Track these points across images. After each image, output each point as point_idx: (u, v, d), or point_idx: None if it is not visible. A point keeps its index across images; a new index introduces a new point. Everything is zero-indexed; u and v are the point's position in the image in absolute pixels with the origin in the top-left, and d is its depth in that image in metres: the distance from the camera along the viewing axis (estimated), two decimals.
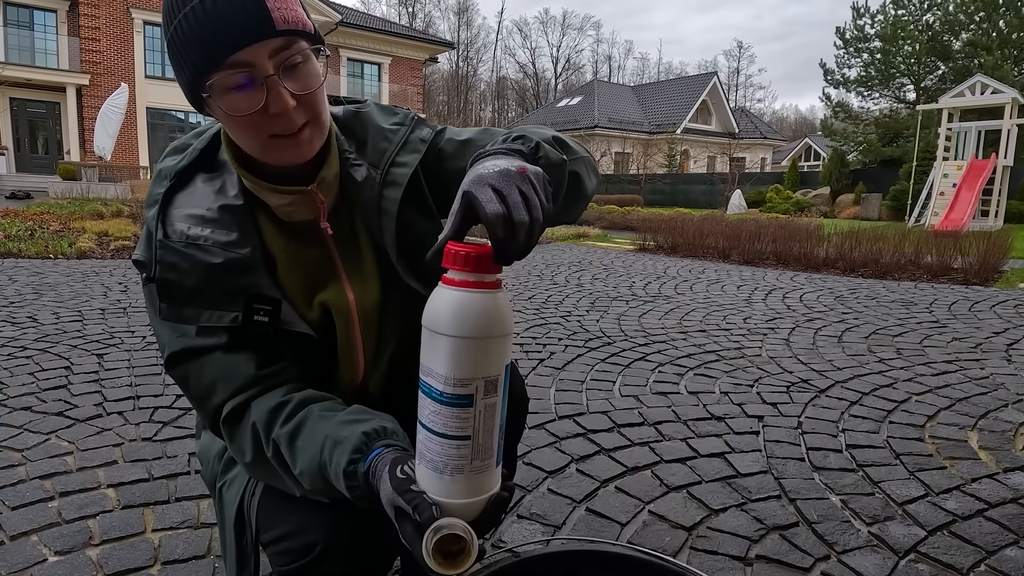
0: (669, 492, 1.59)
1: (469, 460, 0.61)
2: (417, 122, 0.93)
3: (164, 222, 0.82)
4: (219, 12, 0.69)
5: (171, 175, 0.86)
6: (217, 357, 0.81)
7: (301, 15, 0.74)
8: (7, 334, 2.95)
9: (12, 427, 1.89)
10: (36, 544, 1.30)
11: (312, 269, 0.88)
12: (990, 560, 1.34)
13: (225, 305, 0.80)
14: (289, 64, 0.73)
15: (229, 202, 0.83)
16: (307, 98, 0.75)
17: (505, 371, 0.62)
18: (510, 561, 0.80)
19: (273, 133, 0.75)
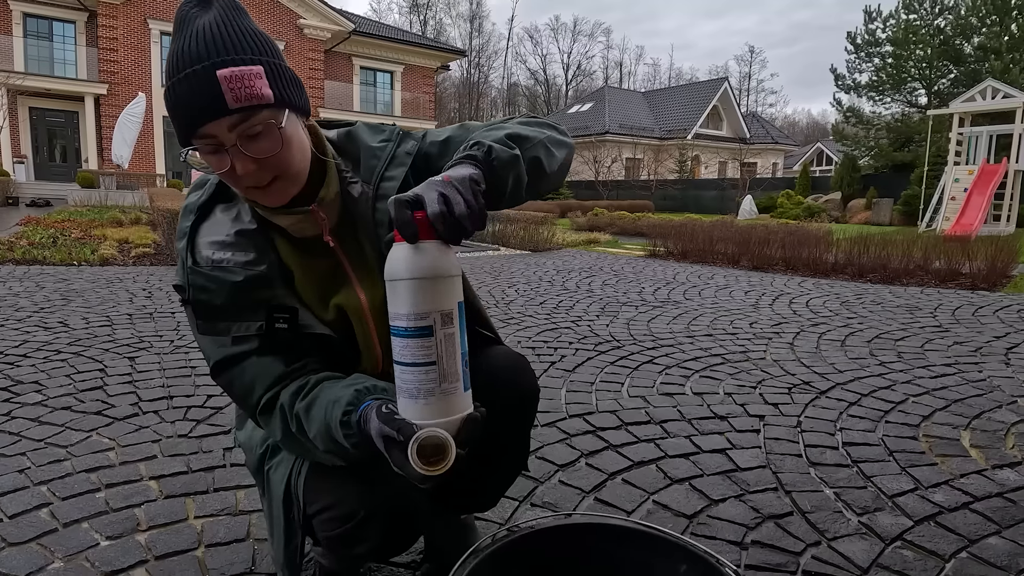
0: (672, 484, 1.70)
1: (438, 383, 0.74)
2: (402, 137, 1.06)
3: (192, 251, 0.98)
4: (184, 95, 0.83)
5: (195, 209, 1.02)
6: (252, 361, 0.96)
7: (258, 90, 0.84)
8: (41, 338, 3.10)
9: (55, 425, 2.02)
10: (88, 530, 1.42)
11: (325, 277, 1.02)
12: (972, 548, 1.43)
13: (250, 316, 0.95)
14: (249, 134, 0.85)
15: (244, 227, 0.98)
16: (269, 160, 0.87)
17: (459, 308, 0.76)
18: (529, 530, 0.91)
19: (247, 185, 0.89)
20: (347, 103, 26.52)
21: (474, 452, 1.11)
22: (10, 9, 20.88)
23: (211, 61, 0.82)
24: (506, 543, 0.88)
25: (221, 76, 0.82)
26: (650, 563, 0.91)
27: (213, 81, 0.82)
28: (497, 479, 1.20)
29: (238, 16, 0.87)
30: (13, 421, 2.04)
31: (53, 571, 1.26)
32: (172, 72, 0.84)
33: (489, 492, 1.21)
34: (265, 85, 0.85)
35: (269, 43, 0.89)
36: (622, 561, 0.93)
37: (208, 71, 0.82)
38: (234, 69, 0.83)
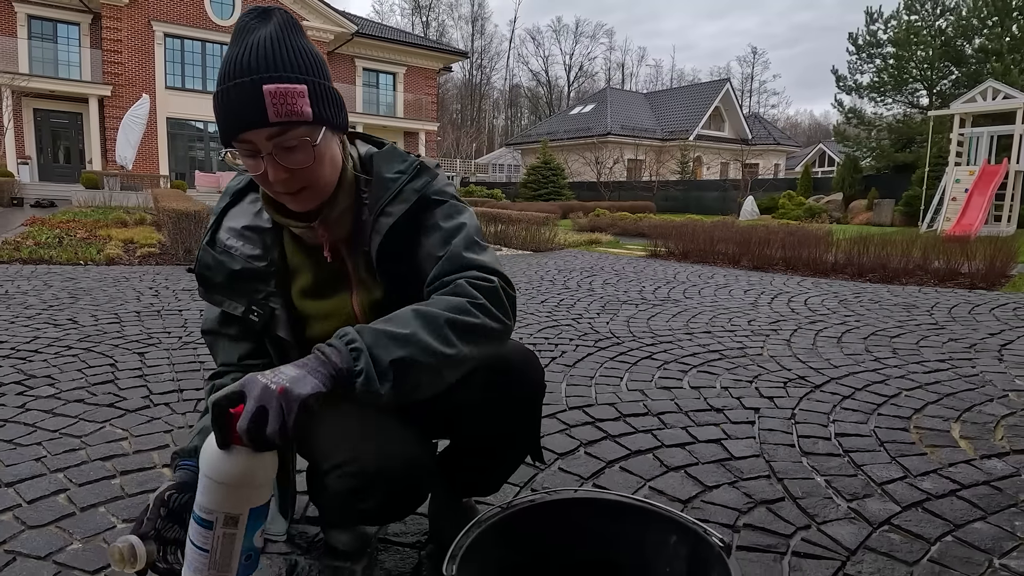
0: (668, 471, 1.75)
1: (207, 569, 0.83)
2: (418, 171, 1.11)
3: (215, 231, 1.14)
4: (231, 103, 0.91)
5: (231, 193, 1.17)
6: (224, 341, 1.17)
7: (299, 107, 0.91)
8: (51, 335, 3.16)
9: (68, 416, 2.08)
10: (104, 514, 1.48)
11: (327, 279, 1.13)
12: (957, 532, 1.48)
13: (237, 299, 1.11)
14: (284, 146, 0.93)
15: (261, 224, 1.12)
16: (301, 171, 0.95)
17: (251, 513, 0.83)
18: (529, 503, 0.97)
19: (277, 190, 0.98)
20: (350, 104, 26.54)
21: (483, 441, 1.19)
22: (15, 11, 21.00)
23: (259, 76, 0.90)
24: (507, 515, 0.94)
25: (267, 91, 0.89)
26: (642, 536, 0.97)
27: (259, 94, 0.89)
28: (503, 466, 1.26)
29: (293, 34, 0.94)
30: (27, 413, 2.09)
31: (72, 552, 1.32)
32: (224, 78, 0.92)
33: (494, 477, 1.28)
34: (306, 104, 0.92)
35: (319, 62, 0.96)
36: (616, 535, 0.99)
37: (256, 84, 0.89)
38: (280, 86, 0.90)
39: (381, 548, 1.34)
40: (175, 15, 22.61)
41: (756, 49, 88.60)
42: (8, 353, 2.79)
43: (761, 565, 1.32)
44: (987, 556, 1.39)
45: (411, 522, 1.45)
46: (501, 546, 0.92)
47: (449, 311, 0.91)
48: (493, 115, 64.30)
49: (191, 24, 23.06)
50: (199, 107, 23.95)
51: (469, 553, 0.86)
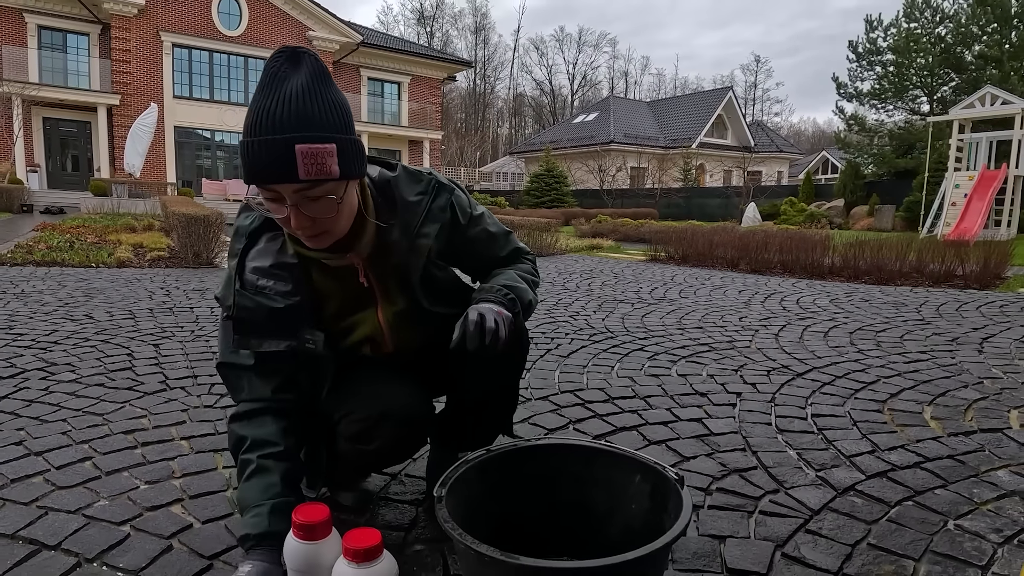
0: (650, 445, 1.87)
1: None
2: (438, 189, 1.24)
3: (240, 274, 1.17)
4: (262, 157, 0.96)
5: (246, 234, 1.19)
6: (250, 375, 1.20)
7: (328, 167, 0.97)
8: (68, 328, 3.30)
9: (90, 398, 2.21)
10: (128, 477, 1.61)
11: (350, 298, 1.24)
12: (917, 498, 1.59)
13: (280, 336, 1.16)
14: (309, 197, 0.99)
15: (286, 260, 1.17)
16: (320, 219, 1.03)
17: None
18: (512, 447, 1.09)
19: (294, 232, 1.07)
20: (355, 113, 26.80)
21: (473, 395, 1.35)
22: (25, 22, 21.34)
23: (292, 135, 0.93)
24: (491, 456, 1.07)
25: (299, 150, 0.94)
26: (611, 476, 1.09)
27: (291, 153, 0.94)
28: (493, 420, 1.41)
29: (324, 85, 0.98)
30: (51, 395, 2.23)
31: (100, 507, 1.45)
32: (255, 130, 0.95)
33: (486, 430, 1.43)
34: (335, 163, 0.97)
35: (345, 115, 1.00)
36: (589, 476, 1.11)
37: (288, 143, 0.93)
38: (311, 147, 0.94)
39: (381, 504, 1.47)
40: (183, 25, 22.93)
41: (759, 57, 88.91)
42: (29, 344, 2.94)
43: (729, 521, 1.44)
44: (943, 518, 1.50)
45: (409, 483, 1.58)
46: (484, 482, 1.05)
47: (531, 275, 1.35)
48: (497, 124, 64.64)
49: (199, 34, 23.38)
50: (206, 116, 24.25)
51: (456, 484, 0.98)
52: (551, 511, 1.12)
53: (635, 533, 0.98)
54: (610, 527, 1.10)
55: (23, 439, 1.82)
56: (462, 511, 0.96)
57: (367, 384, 1.23)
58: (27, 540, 1.30)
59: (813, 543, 1.34)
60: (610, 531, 1.09)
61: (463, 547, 0.85)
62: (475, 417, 1.40)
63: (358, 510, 1.42)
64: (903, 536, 1.38)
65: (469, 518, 0.95)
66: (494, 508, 1.06)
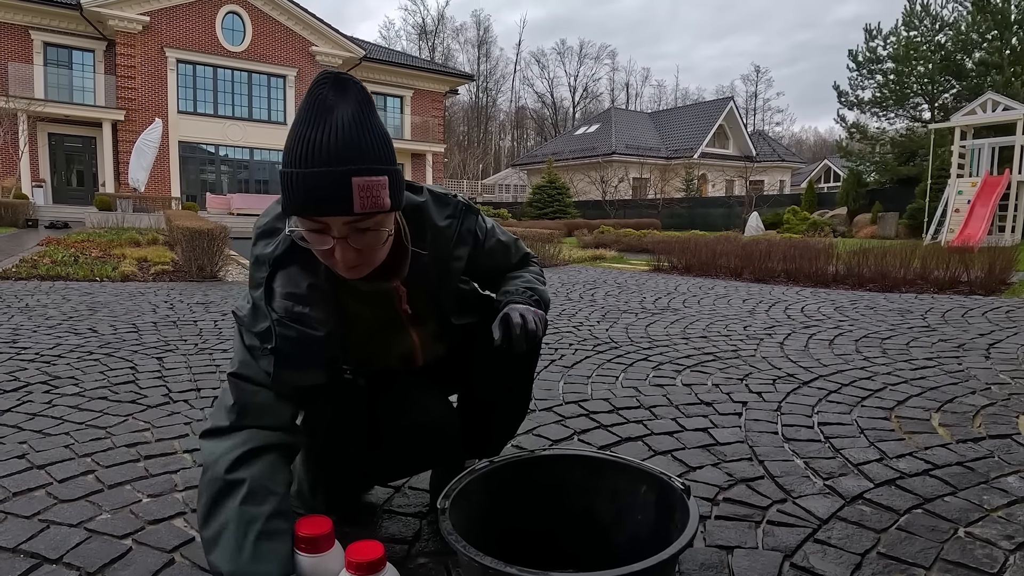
0: (656, 455, 1.86)
1: None
2: (465, 212, 1.26)
3: (270, 302, 1.07)
4: (318, 188, 0.92)
5: (268, 261, 1.09)
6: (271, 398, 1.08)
7: (381, 200, 0.94)
8: (72, 342, 3.30)
9: (93, 411, 2.20)
10: (131, 491, 1.60)
11: (383, 322, 1.25)
12: (927, 505, 1.57)
13: (321, 367, 1.09)
14: (358, 228, 0.97)
15: (319, 283, 1.09)
16: (366, 252, 1.01)
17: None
18: (515, 458, 1.08)
19: (333, 263, 1.03)
20: None
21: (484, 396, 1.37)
22: (31, 39, 21.56)
23: (348, 167, 0.91)
24: (493, 468, 1.05)
25: (356, 183, 0.91)
26: (616, 487, 1.08)
27: (347, 185, 0.91)
28: (502, 422, 1.43)
29: (371, 115, 0.95)
30: (54, 408, 2.22)
31: (102, 520, 1.44)
32: (308, 160, 0.91)
33: (495, 437, 1.43)
34: (387, 195, 0.95)
35: (390, 145, 0.98)
36: (595, 487, 1.10)
37: (346, 176, 0.91)
38: (368, 179, 0.92)
39: (385, 517, 1.46)
40: (188, 42, 23.13)
41: (759, 68, 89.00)
42: (33, 357, 2.94)
43: (736, 531, 1.43)
44: (953, 525, 1.48)
45: (413, 495, 1.57)
46: (488, 494, 1.04)
47: (540, 277, 1.41)
48: (499, 136, 64.90)
49: (203, 50, 23.58)
50: (210, 131, 24.41)
51: (460, 496, 0.97)
52: (556, 523, 1.11)
53: (642, 544, 0.97)
54: (616, 538, 1.08)
55: (26, 452, 1.82)
56: (466, 523, 0.94)
57: (402, 398, 1.28)
58: (28, 554, 1.29)
59: (822, 553, 1.33)
60: (616, 543, 1.08)
61: (467, 559, 0.84)
62: (484, 424, 1.42)
63: (361, 523, 1.41)
64: (913, 544, 1.36)
65: (473, 530, 0.93)
66: (499, 520, 1.05)
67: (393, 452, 1.25)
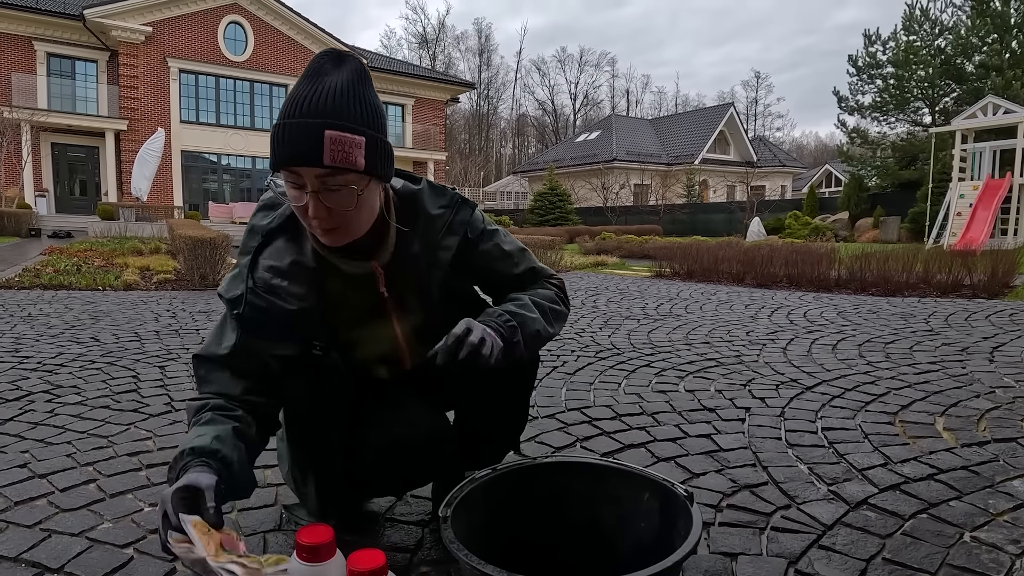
0: (659, 461, 1.85)
1: None
2: (460, 204, 1.25)
3: (253, 272, 1.13)
4: (291, 137, 0.97)
5: (262, 232, 1.15)
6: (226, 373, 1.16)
7: (354, 158, 0.98)
8: (75, 351, 3.30)
9: (95, 420, 2.20)
10: (133, 500, 1.60)
11: (364, 308, 1.22)
12: (932, 510, 1.56)
13: (291, 340, 1.13)
14: (330, 187, 0.99)
15: (303, 261, 1.14)
16: (338, 213, 1.03)
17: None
18: (518, 465, 1.08)
19: (310, 224, 1.05)
20: None
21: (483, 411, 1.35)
22: (34, 49, 21.68)
23: (324, 120, 0.95)
24: (496, 476, 1.05)
25: (328, 135, 0.95)
26: (619, 494, 1.07)
27: (319, 137, 0.95)
28: (501, 437, 1.40)
29: (363, 85, 1.00)
30: (56, 417, 2.22)
31: (104, 530, 1.43)
32: (289, 112, 0.97)
33: (494, 448, 1.41)
34: (361, 155, 0.98)
35: (380, 117, 1.02)
36: (598, 494, 1.09)
37: (318, 127, 0.95)
38: (341, 134, 0.96)
39: (387, 525, 1.45)
40: (190, 52, 23.24)
41: (759, 73, 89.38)
42: (35, 367, 2.94)
43: (740, 538, 1.42)
44: (959, 530, 1.47)
45: (415, 503, 1.56)
46: (491, 502, 1.03)
47: (549, 303, 1.27)
48: (500, 144, 65.06)
49: (205, 60, 23.69)
50: (213, 140, 24.50)
51: (462, 504, 0.97)
52: (559, 530, 1.11)
53: (645, 552, 0.96)
54: (619, 546, 1.08)
55: (27, 461, 1.82)
56: (468, 531, 0.94)
57: (388, 409, 1.24)
58: (30, 563, 1.29)
59: (827, 559, 1.32)
60: (619, 550, 1.07)
61: (469, 568, 0.84)
62: (482, 436, 1.38)
63: (363, 531, 1.40)
64: (918, 550, 1.35)
65: (476, 538, 0.93)
66: (501, 528, 1.05)
67: (381, 466, 1.20)
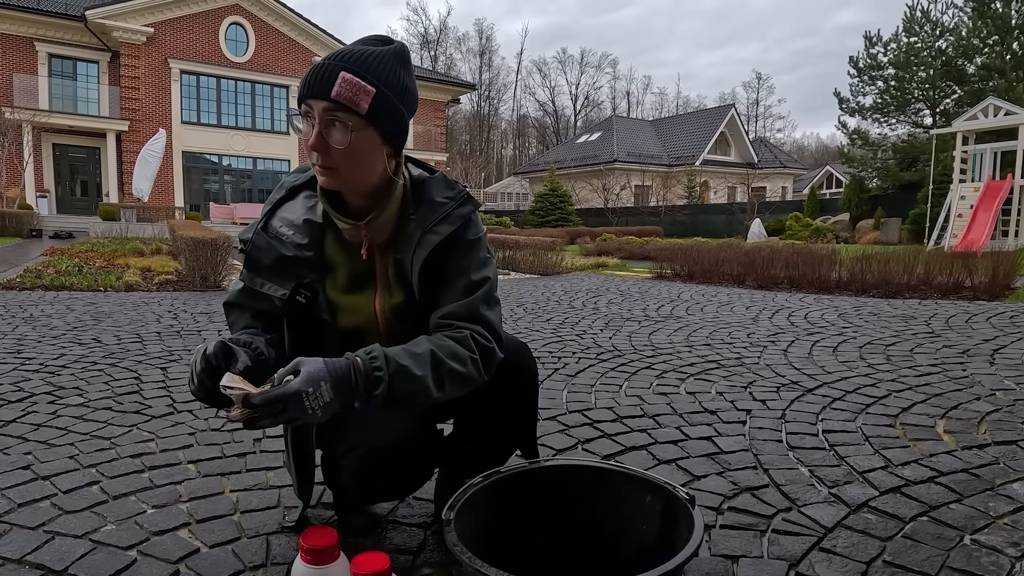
0: (660, 464, 1.85)
1: None
2: (465, 199, 1.26)
3: (268, 218, 1.27)
4: (314, 73, 1.08)
5: (287, 188, 1.30)
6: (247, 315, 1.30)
7: (359, 99, 1.06)
8: (77, 352, 3.31)
9: (97, 422, 2.21)
10: (136, 502, 1.60)
11: (359, 276, 1.26)
12: (932, 513, 1.57)
13: (280, 282, 1.23)
14: (329, 120, 1.07)
15: (313, 219, 1.25)
16: (334, 151, 1.09)
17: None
18: (521, 468, 1.08)
19: (314, 161, 1.13)
20: None
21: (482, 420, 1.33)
22: (36, 50, 21.70)
23: (343, 63, 1.06)
24: (498, 479, 1.06)
25: (342, 76, 1.05)
26: (621, 496, 1.08)
27: (334, 75, 1.05)
28: (501, 445, 1.39)
29: (397, 62, 1.11)
30: (59, 419, 2.23)
31: (107, 532, 1.44)
32: (327, 58, 1.08)
33: (495, 456, 1.40)
34: (366, 101, 1.06)
35: (404, 89, 1.12)
36: (599, 497, 1.10)
37: (336, 68, 1.06)
38: (355, 79, 1.05)
39: (390, 527, 1.46)
40: (191, 53, 23.26)
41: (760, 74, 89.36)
42: (37, 368, 2.94)
43: (741, 540, 1.42)
44: (959, 533, 1.47)
45: (417, 505, 1.56)
46: (494, 505, 1.04)
47: (454, 362, 1.09)
48: (501, 145, 65.07)
49: (206, 61, 23.71)
50: (214, 141, 24.51)
51: (465, 507, 0.97)
52: (561, 533, 1.11)
53: (647, 554, 0.97)
54: (621, 548, 1.08)
55: (31, 463, 1.82)
56: (471, 534, 0.94)
57: (370, 415, 1.21)
58: (34, 565, 1.29)
59: (828, 562, 1.32)
60: (621, 553, 1.08)
61: (472, 570, 0.84)
62: (482, 441, 1.38)
63: (366, 533, 1.41)
64: (919, 552, 1.36)
65: (478, 541, 0.93)
66: (504, 530, 1.05)
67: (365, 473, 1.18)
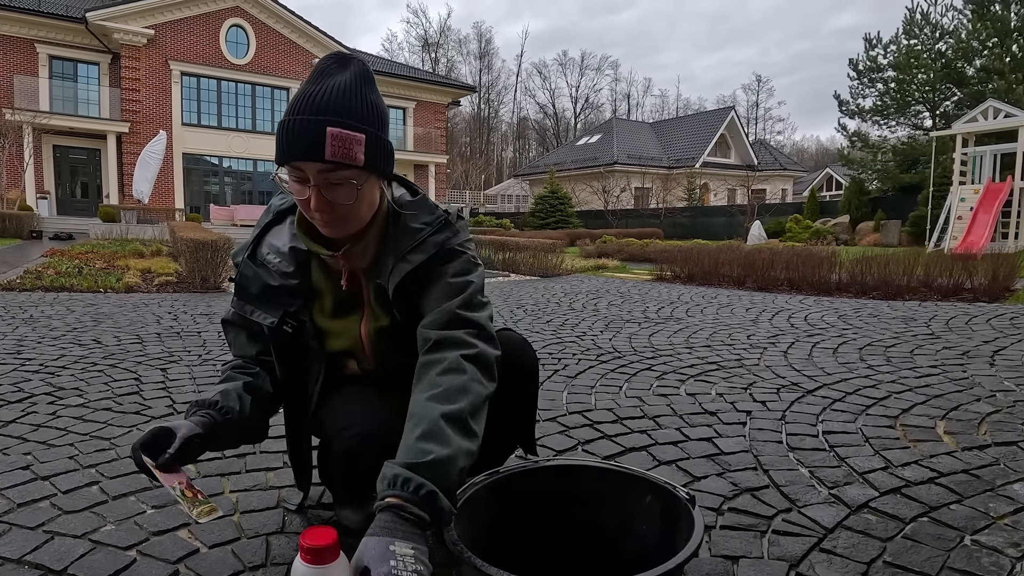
0: (660, 465, 1.85)
1: None
2: (442, 226, 1.23)
3: (257, 245, 1.28)
4: (295, 133, 1.02)
5: (274, 212, 1.30)
6: (243, 336, 1.33)
7: (354, 153, 1.02)
8: (76, 353, 3.31)
9: (97, 422, 2.21)
10: (135, 502, 1.60)
11: (344, 301, 1.27)
12: (932, 514, 1.57)
13: (268, 311, 1.24)
14: (331, 182, 1.05)
15: (298, 245, 1.24)
16: (338, 207, 1.08)
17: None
18: (520, 468, 1.08)
19: (312, 215, 1.11)
20: None
21: None
22: (37, 52, 21.72)
23: (326, 118, 1.00)
24: (498, 478, 1.05)
25: (329, 132, 1.00)
26: (622, 496, 1.08)
27: (322, 133, 1.00)
28: (503, 440, 1.40)
29: (365, 86, 1.05)
30: (59, 419, 2.23)
31: (107, 532, 1.44)
32: (295, 109, 1.02)
33: (496, 452, 1.41)
34: (361, 151, 1.03)
35: (381, 116, 1.07)
36: (600, 497, 1.10)
37: (321, 124, 1.00)
38: (342, 131, 1.01)
39: None
40: (192, 55, 23.29)
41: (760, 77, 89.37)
42: (37, 369, 2.94)
43: (742, 541, 1.42)
44: (959, 533, 1.47)
45: None
46: (494, 504, 1.04)
47: (466, 403, 1.01)
48: (501, 147, 65.12)
49: (207, 63, 23.73)
50: (214, 143, 24.54)
51: (465, 506, 0.97)
52: (561, 532, 1.11)
53: (647, 555, 0.97)
54: (621, 549, 1.08)
55: (30, 463, 1.82)
56: (471, 533, 0.94)
57: (358, 398, 1.26)
58: (33, 565, 1.29)
59: (828, 562, 1.32)
60: (621, 553, 1.08)
61: (473, 569, 0.84)
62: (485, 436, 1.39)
63: (365, 532, 1.40)
64: (919, 553, 1.35)
65: (479, 540, 0.93)
66: (504, 530, 1.05)
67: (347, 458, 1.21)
